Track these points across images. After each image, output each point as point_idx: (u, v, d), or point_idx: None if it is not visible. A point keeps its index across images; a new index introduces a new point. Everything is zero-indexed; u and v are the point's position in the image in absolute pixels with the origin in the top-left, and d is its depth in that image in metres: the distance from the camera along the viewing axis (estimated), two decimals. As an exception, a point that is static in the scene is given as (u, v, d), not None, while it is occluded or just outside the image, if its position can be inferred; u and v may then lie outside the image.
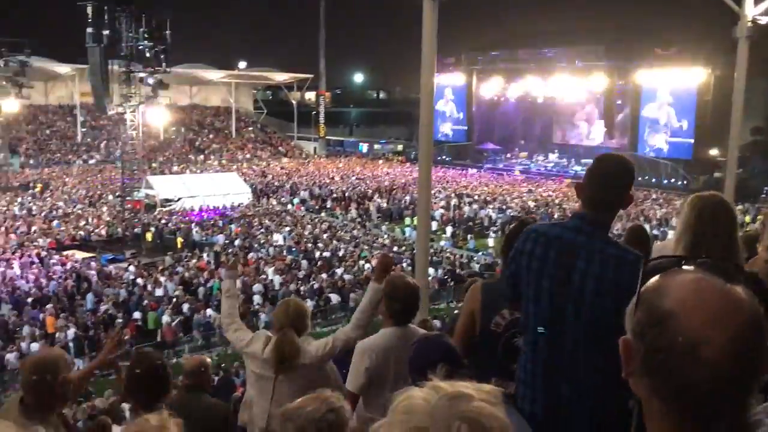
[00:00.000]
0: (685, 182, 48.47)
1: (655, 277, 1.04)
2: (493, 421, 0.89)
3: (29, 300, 20.86)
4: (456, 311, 14.92)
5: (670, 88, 52.11)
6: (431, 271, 22.10)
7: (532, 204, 39.19)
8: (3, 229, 30.03)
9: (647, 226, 30.40)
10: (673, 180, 50.15)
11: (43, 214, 33.47)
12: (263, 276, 24.20)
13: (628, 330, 1.06)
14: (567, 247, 2.63)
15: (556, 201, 39.72)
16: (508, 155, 64.08)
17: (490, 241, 30.81)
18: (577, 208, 2.80)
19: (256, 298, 22.12)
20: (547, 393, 2.63)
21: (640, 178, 49.53)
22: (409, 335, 3.58)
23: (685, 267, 1.05)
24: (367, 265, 25.87)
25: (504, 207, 38.35)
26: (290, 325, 3.80)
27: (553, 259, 2.64)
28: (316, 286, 23.61)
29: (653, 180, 50.08)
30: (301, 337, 3.84)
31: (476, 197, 41.97)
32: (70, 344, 18.44)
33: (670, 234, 26.43)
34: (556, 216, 34.04)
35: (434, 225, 30.98)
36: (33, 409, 2.84)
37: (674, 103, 52.45)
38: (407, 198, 40.49)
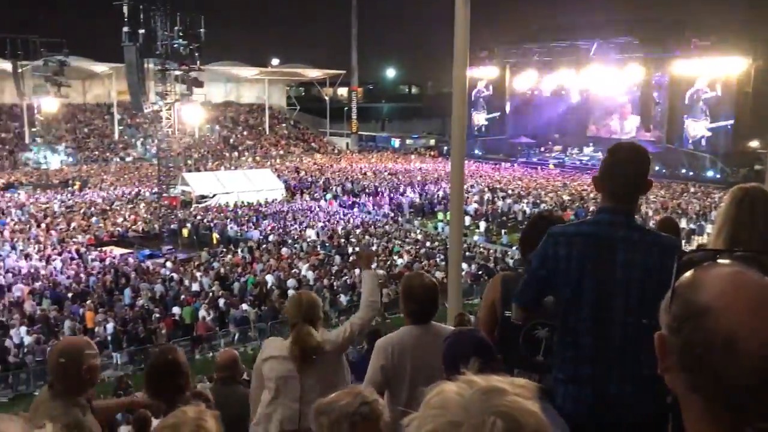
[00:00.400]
0: (724, 175, 47.50)
1: (690, 271, 1.02)
2: (527, 416, 0.88)
3: (69, 295, 21.32)
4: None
5: (709, 78, 51.08)
6: (464, 266, 22.01)
7: (566, 198, 38.80)
8: (43, 225, 30.70)
9: (683, 220, 30.00)
10: (711, 173, 49.20)
11: (81, 211, 34.14)
12: (296, 271, 24.38)
13: (662, 325, 1.04)
14: (605, 242, 2.60)
15: (591, 195, 39.24)
16: (542, 149, 63.56)
17: (524, 236, 30.55)
18: (600, 204, 2.77)
19: (290, 294, 22.28)
20: (593, 392, 2.59)
21: (677, 171, 48.80)
22: (428, 333, 3.55)
23: (720, 260, 1.03)
24: (399, 260, 25.88)
25: (538, 201, 38.01)
26: (304, 319, 3.75)
27: (593, 257, 2.61)
28: (349, 281, 23.71)
29: (691, 173, 49.20)
30: (317, 329, 3.81)
31: (510, 192, 41.70)
32: (109, 338, 18.83)
33: (708, 228, 25.96)
34: (591, 209, 33.68)
35: (467, 220, 30.86)
36: (61, 393, 2.93)
37: (713, 94, 51.42)
38: (440, 193, 40.39)
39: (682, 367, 0.99)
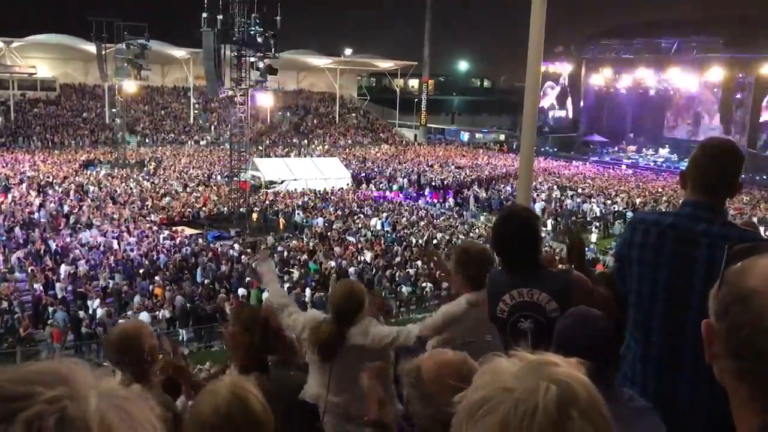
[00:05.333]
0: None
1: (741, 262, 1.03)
2: (581, 385, 0.88)
3: (140, 271, 22.05)
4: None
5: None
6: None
7: (638, 200, 37.78)
8: (119, 203, 31.81)
9: (762, 228, 28.78)
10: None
11: (155, 191, 35.21)
12: (361, 259, 24.57)
13: (711, 313, 1.04)
14: (685, 236, 2.49)
15: (665, 198, 38.10)
16: (616, 148, 62.04)
17: (593, 236, 29.95)
18: (685, 197, 2.64)
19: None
20: (661, 392, 2.49)
21: (757, 177, 46.81)
22: (482, 300, 3.40)
23: None
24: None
25: (608, 201, 37.19)
26: (335, 312, 3.65)
27: (670, 249, 2.51)
28: (411, 272, 23.72)
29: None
30: (353, 323, 3.65)
31: (580, 190, 40.88)
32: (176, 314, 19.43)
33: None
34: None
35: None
36: (129, 380, 2.91)
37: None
38: (508, 189, 39.93)
39: (728, 353, 0.99)
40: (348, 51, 73.54)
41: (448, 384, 1.79)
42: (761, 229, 28.21)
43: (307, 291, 21.48)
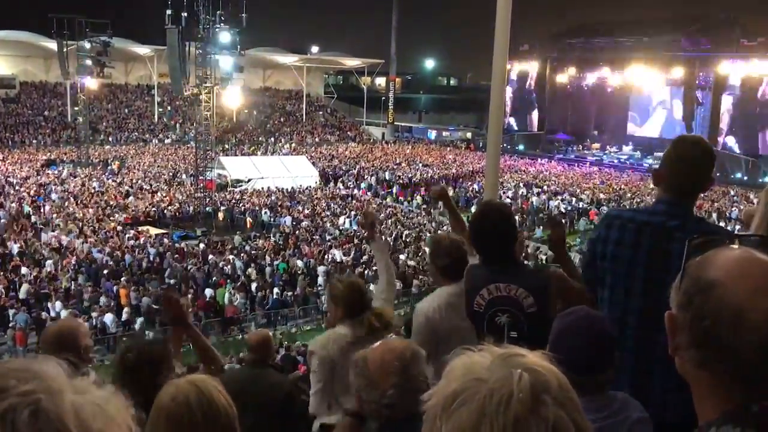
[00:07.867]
0: None
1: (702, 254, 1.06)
2: (551, 373, 0.90)
3: (105, 272, 21.67)
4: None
5: (757, 80, 49.94)
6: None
7: (603, 196, 38.30)
8: (81, 203, 31.24)
9: (722, 223, 29.42)
10: (754, 176, 48.13)
11: (119, 191, 34.66)
12: (328, 257, 24.49)
13: (674, 305, 1.07)
14: (660, 232, 2.53)
15: (629, 195, 38.70)
16: (580, 146, 62.76)
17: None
18: (657, 195, 2.70)
19: (320, 280, 22.33)
20: (635, 386, 2.50)
21: (718, 174, 47.78)
22: (461, 293, 3.38)
23: (732, 245, 1.07)
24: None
25: (574, 198, 37.64)
26: (366, 306, 3.56)
27: (646, 246, 2.55)
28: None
29: (732, 176, 48.18)
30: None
31: (545, 188, 41.30)
32: (142, 316, 19.17)
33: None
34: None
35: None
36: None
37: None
38: (474, 186, 40.16)
39: (690, 343, 1.02)
40: (314, 49, 73.32)
41: (390, 367, 1.96)
42: (721, 223, 28.85)
43: (275, 290, 21.36)
